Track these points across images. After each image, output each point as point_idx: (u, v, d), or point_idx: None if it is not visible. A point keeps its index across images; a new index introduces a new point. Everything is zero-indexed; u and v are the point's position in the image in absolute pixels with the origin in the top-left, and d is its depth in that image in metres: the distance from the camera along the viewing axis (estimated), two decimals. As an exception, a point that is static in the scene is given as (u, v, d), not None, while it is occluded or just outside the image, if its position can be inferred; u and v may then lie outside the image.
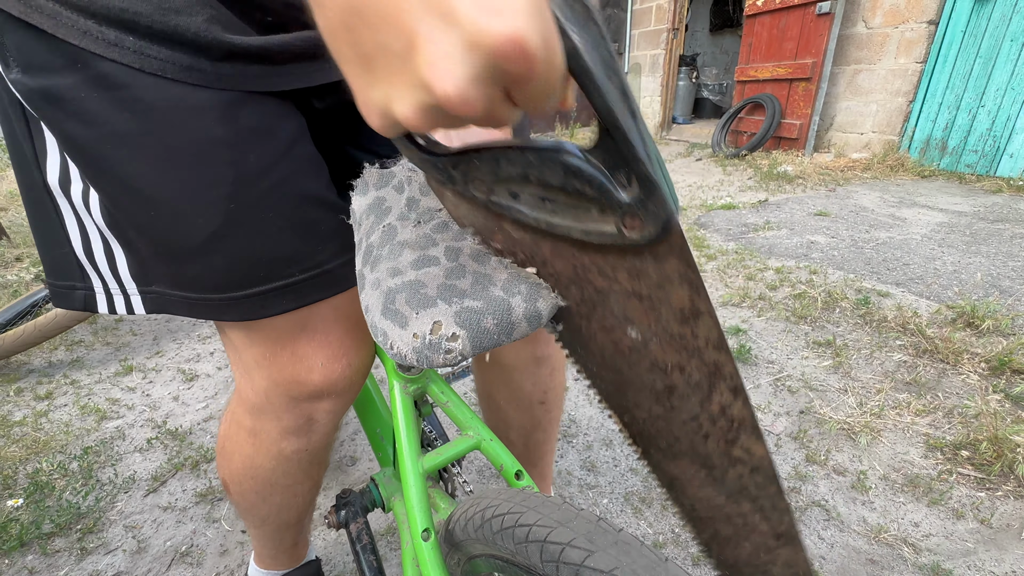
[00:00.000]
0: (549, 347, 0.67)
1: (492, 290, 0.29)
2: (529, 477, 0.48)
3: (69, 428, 1.29)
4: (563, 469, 1.14)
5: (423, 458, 0.47)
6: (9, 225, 2.69)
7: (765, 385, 1.38)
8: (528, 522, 0.34)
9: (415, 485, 0.45)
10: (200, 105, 0.37)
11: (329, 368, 0.48)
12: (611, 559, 0.29)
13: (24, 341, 1.47)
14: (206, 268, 0.41)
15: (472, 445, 0.49)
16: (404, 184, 0.38)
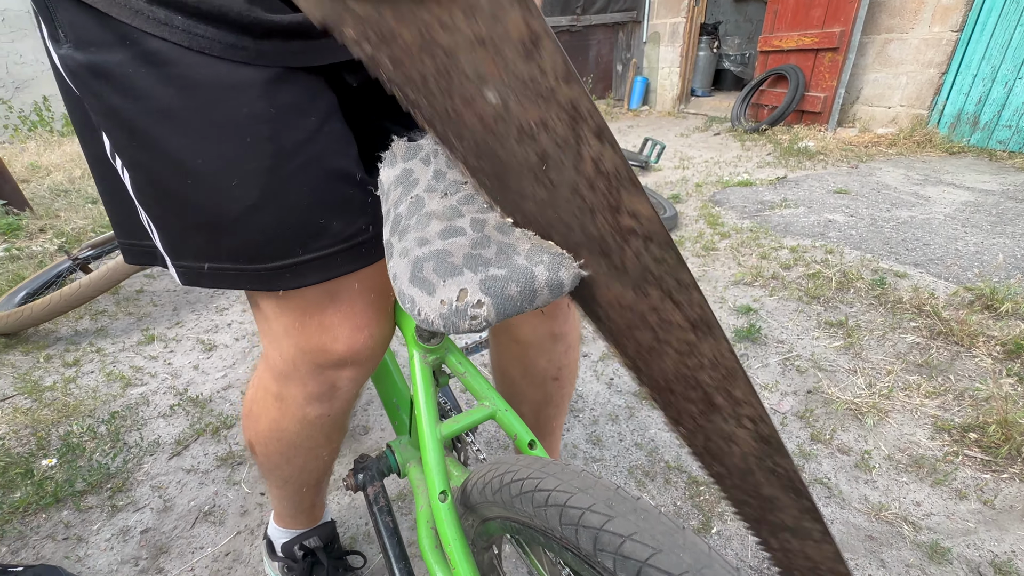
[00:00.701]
0: (566, 325, 0.68)
1: (516, 259, 0.30)
2: (542, 447, 0.50)
3: (96, 394, 1.35)
4: (569, 442, 1.17)
5: (441, 425, 0.48)
6: (31, 197, 2.74)
7: (774, 364, 1.38)
8: (548, 487, 0.35)
9: (433, 449, 0.47)
10: (242, 82, 0.38)
11: (352, 338, 0.50)
12: (630, 524, 0.31)
13: (51, 310, 1.52)
14: (242, 239, 0.42)
15: (488, 414, 0.51)
16: (431, 156, 0.39)
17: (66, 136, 4.44)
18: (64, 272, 1.84)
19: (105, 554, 0.93)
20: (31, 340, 1.59)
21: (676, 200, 2.65)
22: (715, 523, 0.96)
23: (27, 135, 4.39)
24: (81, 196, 2.84)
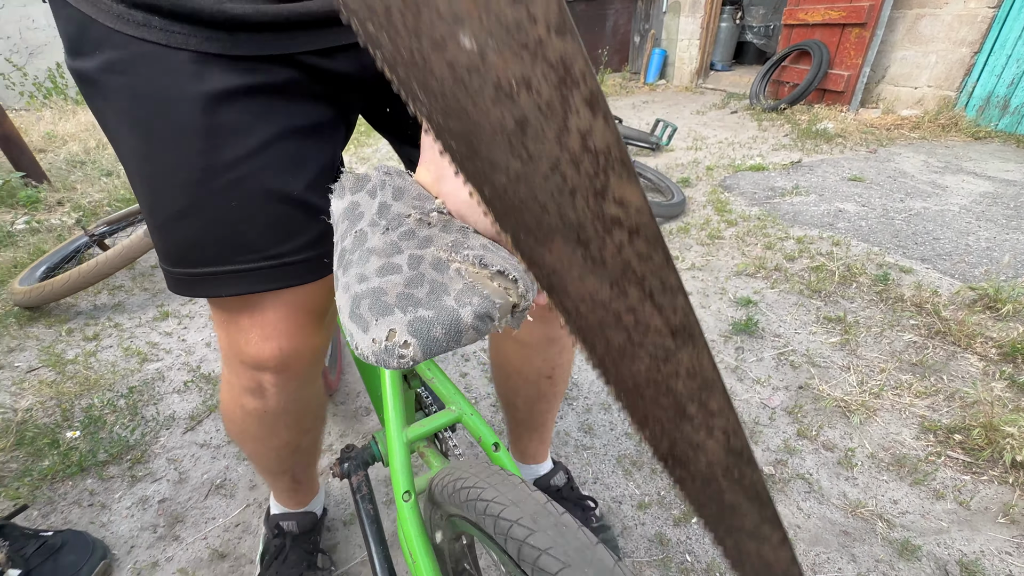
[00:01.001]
0: (562, 329, 0.71)
1: (445, 300, 0.32)
2: (505, 448, 0.53)
3: (115, 368, 1.42)
4: (561, 430, 1.21)
5: (407, 429, 0.52)
6: (48, 168, 2.80)
7: (768, 359, 1.40)
8: (487, 497, 0.39)
9: (399, 453, 0.51)
10: (188, 96, 0.41)
11: (260, 346, 0.53)
12: (549, 539, 0.35)
13: (71, 286, 1.59)
14: (170, 242, 0.46)
15: (453, 419, 0.55)
16: (377, 189, 0.39)
17: (80, 104, 4.46)
18: (82, 247, 1.90)
19: (127, 521, 1.01)
20: (53, 314, 1.66)
21: (685, 184, 2.62)
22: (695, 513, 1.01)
23: (42, 103, 4.42)
24: (96, 168, 2.89)
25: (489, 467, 0.45)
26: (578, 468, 1.11)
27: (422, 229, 0.35)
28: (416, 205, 0.37)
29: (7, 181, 2.39)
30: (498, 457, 0.52)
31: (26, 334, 1.56)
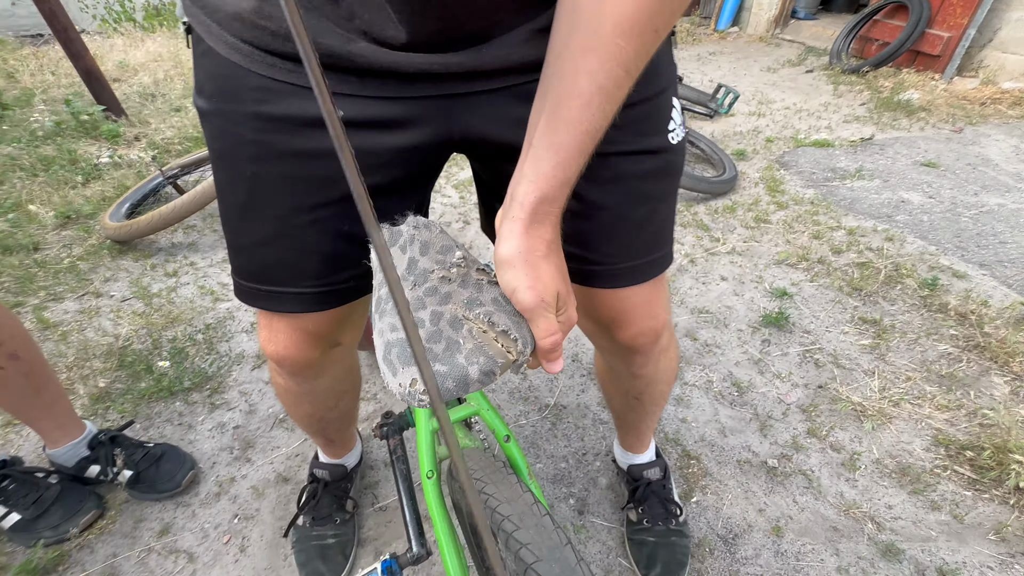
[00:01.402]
0: (645, 368, 0.75)
1: (458, 357, 0.39)
2: (515, 441, 0.64)
3: (193, 305, 1.61)
4: (583, 403, 1.32)
5: (433, 420, 0.63)
6: (123, 100, 2.96)
7: (793, 354, 1.43)
8: (488, 492, 0.50)
9: (425, 438, 0.63)
10: (288, 152, 0.48)
11: (274, 350, 0.64)
12: (529, 536, 0.44)
13: (152, 226, 1.76)
14: (246, 261, 0.57)
15: (471, 412, 0.66)
16: (407, 244, 0.45)
17: (148, 31, 4.59)
18: (158, 187, 2.08)
19: (208, 441, 1.21)
20: (139, 248, 1.86)
21: (740, 157, 2.51)
22: (696, 494, 1.11)
23: (113, 28, 4.57)
24: (167, 103, 3.04)
25: (494, 463, 0.55)
26: (593, 440, 1.22)
27: (443, 285, 0.43)
28: (439, 260, 0.44)
29: (91, 114, 2.57)
30: (508, 448, 0.63)
31: (118, 265, 1.77)
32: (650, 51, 0.39)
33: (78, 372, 1.34)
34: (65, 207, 1.99)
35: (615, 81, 0.38)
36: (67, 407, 1.02)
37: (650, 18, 0.36)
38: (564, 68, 0.39)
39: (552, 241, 0.43)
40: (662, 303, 0.68)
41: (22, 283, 1.64)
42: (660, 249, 0.62)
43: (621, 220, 0.57)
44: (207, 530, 1.04)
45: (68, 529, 0.97)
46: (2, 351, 0.85)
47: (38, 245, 1.83)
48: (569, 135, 0.39)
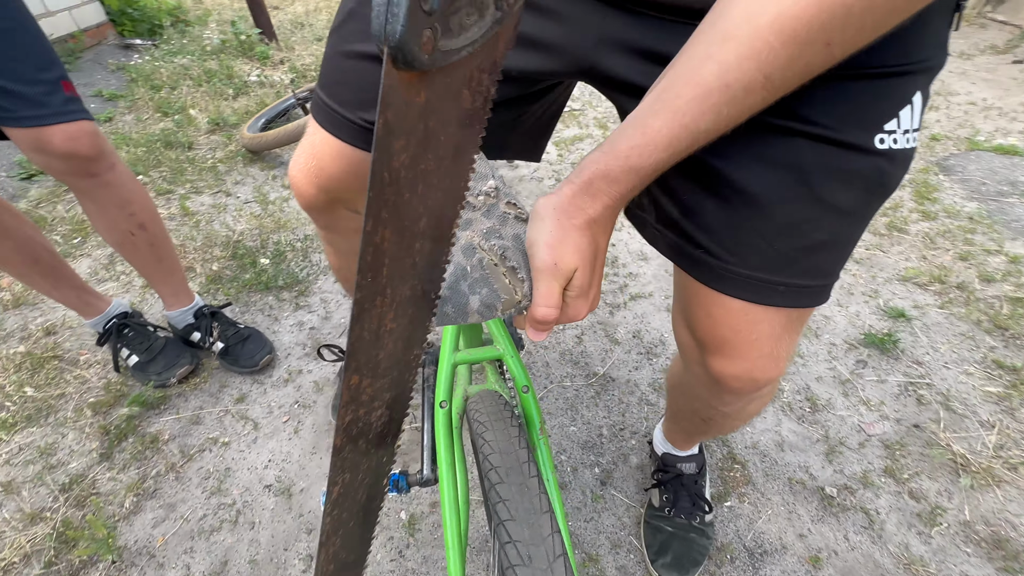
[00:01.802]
0: (731, 407, 0.65)
1: (461, 285, 0.39)
2: (533, 393, 0.63)
3: (299, 216, 1.79)
4: (633, 380, 1.27)
5: (456, 353, 0.65)
6: (277, 25, 3.26)
7: (892, 383, 1.24)
8: (487, 438, 0.50)
9: (444, 369, 0.64)
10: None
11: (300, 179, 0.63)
12: (509, 492, 0.44)
13: (278, 140, 1.96)
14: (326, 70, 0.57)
15: (496, 355, 0.66)
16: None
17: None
18: (289, 107, 2.29)
19: (288, 334, 1.36)
20: (266, 159, 2.09)
21: (891, 153, 2.14)
22: (731, 499, 1.03)
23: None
24: (312, 32, 3.29)
25: (502, 411, 0.55)
26: (634, 419, 1.18)
27: (467, 212, 0.42)
28: (470, 186, 0.43)
29: (249, 36, 2.87)
30: (525, 399, 0.62)
31: (247, 172, 2.01)
32: (810, 67, 0.32)
33: (201, 255, 1.57)
34: (216, 115, 2.28)
35: (746, 84, 0.32)
36: (181, 278, 1.20)
37: (824, 25, 0.29)
38: (696, 48, 0.34)
39: (595, 220, 0.39)
40: (788, 347, 0.53)
41: (175, 175, 1.93)
42: (816, 277, 0.48)
43: (767, 216, 0.45)
44: (272, 408, 1.19)
45: (169, 377, 1.17)
46: (134, 220, 1.02)
47: (192, 144, 2.12)
48: (663, 122, 0.35)
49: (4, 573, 0.89)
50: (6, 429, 1.09)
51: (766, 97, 0.33)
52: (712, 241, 0.49)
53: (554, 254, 0.38)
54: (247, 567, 0.92)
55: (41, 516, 0.96)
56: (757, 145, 0.43)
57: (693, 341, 0.58)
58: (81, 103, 0.86)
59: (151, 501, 1.01)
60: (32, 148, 0.83)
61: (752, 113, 0.35)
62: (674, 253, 0.55)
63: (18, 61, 0.78)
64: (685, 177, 0.49)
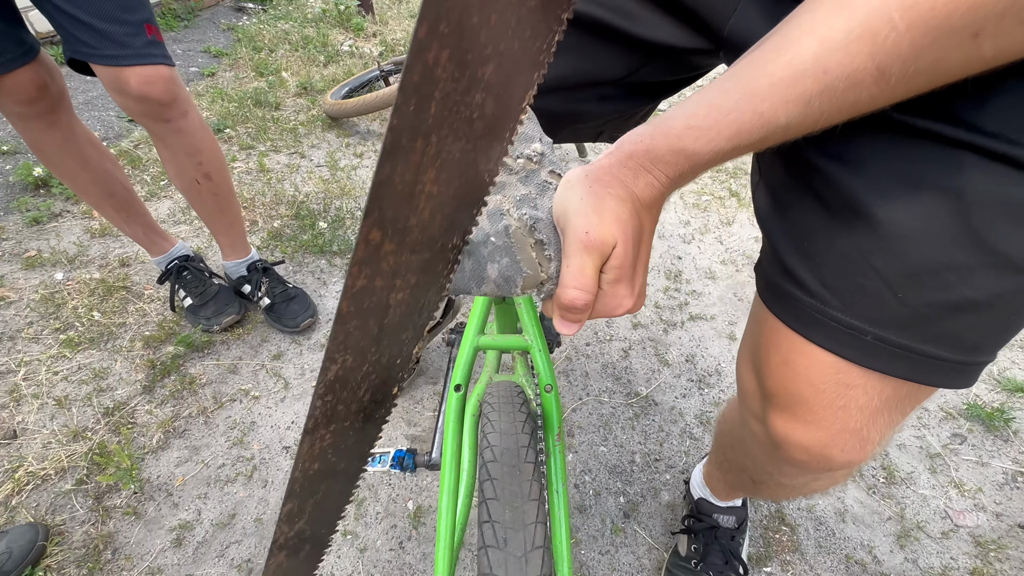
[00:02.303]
0: (793, 480, 0.55)
1: (482, 250, 0.35)
2: (556, 393, 0.57)
3: (364, 185, 1.80)
4: (679, 408, 1.15)
5: (480, 337, 0.60)
6: (378, 0, 3.34)
7: (996, 469, 1.04)
8: (490, 418, 0.47)
9: (466, 352, 0.59)
10: None
11: None
12: (500, 472, 0.42)
13: (359, 109, 1.99)
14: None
15: (523, 346, 0.60)
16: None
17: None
18: (373, 79, 2.32)
19: (333, 299, 1.37)
20: (343, 127, 2.13)
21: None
22: (772, 564, 0.90)
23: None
24: (407, 8, 3.34)
25: (513, 399, 0.50)
26: (673, 452, 1.07)
27: (503, 174, 0.36)
28: (513, 148, 0.37)
29: (348, 7, 2.96)
30: (546, 398, 0.56)
31: (323, 137, 2.06)
32: (945, 64, 0.23)
33: (267, 211, 1.62)
34: (306, 80, 2.36)
35: (851, 73, 0.24)
36: (240, 232, 1.23)
37: (973, 6, 0.21)
38: (798, 17, 0.26)
39: (637, 197, 0.32)
40: (885, 427, 0.42)
41: (259, 132, 2.02)
42: (956, 348, 0.36)
43: (897, 254, 0.34)
44: (305, 370, 1.19)
45: (216, 323, 1.21)
46: (200, 169, 1.05)
47: (279, 105, 2.21)
48: (733, 104, 0.27)
49: (42, 481, 0.94)
50: (71, 347, 1.17)
51: (875, 96, 0.25)
52: (812, 274, 0.38)
53: (587, 222, 0.31)
54: (252, 525, 0.92)
55: (82, 435, 1.02)
56: (897, 155, 0.32)
57: (758, 389, 0.48)
58: (163, 47, 0.88)
59: (178, 440, 1.04)
60: (111, 86, 0.86)
61: (852, 115, 0.26)
62: (760, 278, 0.45)
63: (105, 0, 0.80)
64: (791, 179, 0.39)
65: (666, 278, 1.50)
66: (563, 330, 0.34)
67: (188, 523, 0.91)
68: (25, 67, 0.86)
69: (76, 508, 0.92)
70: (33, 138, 0.97)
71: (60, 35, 0.83)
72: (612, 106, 0.54)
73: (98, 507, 0.92)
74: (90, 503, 0.92)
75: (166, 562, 0.86)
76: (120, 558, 0.86)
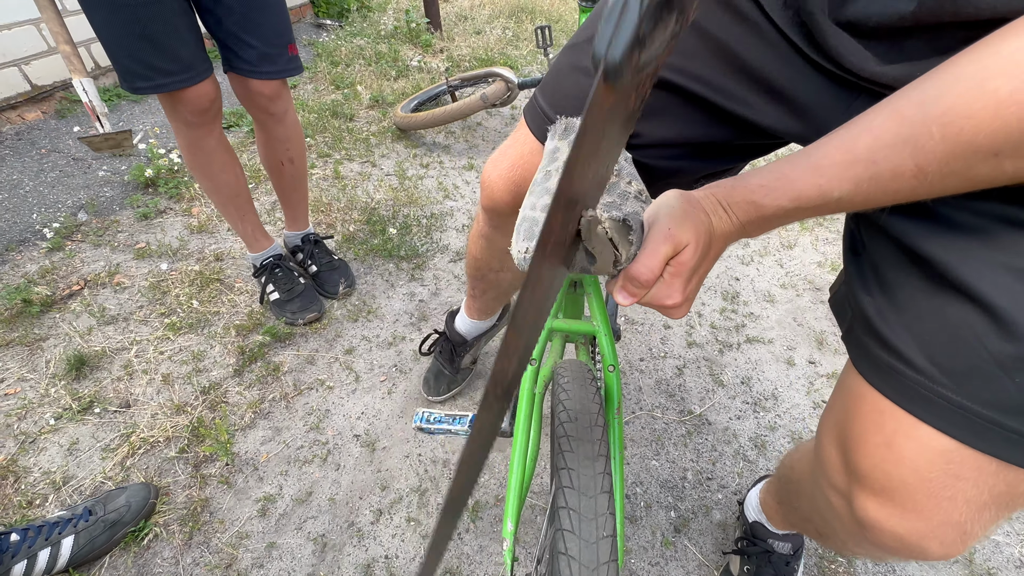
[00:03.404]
0: (871, 553, 0.53)
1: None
2: (619, 372, 0.65)
3: (429, 194, 1.91)
4: (733, 429, 1.16)
5: (554, 320, 0.68)
6: (444, 17, 3.50)
7: (1079, 521, 0.98)
8: (562, 399, 0.54)
9: (542, 332, 0.66)
10: None
11: (499, 186, 0.66)
12: (574, 462, 0.47)
13: (427, 122, 2.10)
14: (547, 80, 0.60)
15: (591, 331, 0.68)
16: (556, 134, 0.46)
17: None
18: (440, 93, 2.44)
19: (399, 302, 1.46)
20: (411, 138, 2.26)
21: None
22: (827, 594, 0.89)
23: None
24: (472, 25, 3.48)
25: (587, 384, 0.57)
26: (727, 473, 1.08)
27: None
28: None
29: (418, 24, 3.12)
30: (609, 376, 0.64)
31: (393, 148, 2.19)
32: (973, 173, 0.29)
33: (342, 215, 1.75)
34: (378, 93, 2.51)
35: (895, 167, 0.31)
36: (304, 209, 1.43)
37: (995, 133, 0.27)
38: (862, 117, 0.33)
39: (712, 224, 0.39)
40: (989, 523, 0.40)
41: (335, 141, 2.17)
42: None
43: (1014, 338, 0.35)
44: (374, 366, 1.28)
45: (300, 318, 1.33)
46: (287, 154, 1.25)
47: (353, 116, 2.37)
48: (800, 173, 0.35)
49: (151, 447, 1.07)
50: (174, 331, 1.32)
51: (916, 188, 0.31)
52: (920, 351, 0.38)
53: (672, 221, 0.38)
54: (327, 503, 1.01)
55: (184, 409, 1.14)
56: (1005, 245, 0.35)
57: (844, 465, 0.46)
58: (297, 59, 1.09)
59: (264, 420, 1.14)
60: (245, 88, 1.08)
61: (897, 201, 0.33)
62: (853, 347, 0.45)
63: (268, 29, 1.01)
64: (896, 256, 0.41)
65: (723, 299, 1.50)
66: (620, 299, 0.40)
67: (271, 496, 1.01)
68: (206, 81, 0.99)
69: (179, 473, 1.04)
70: (194, 144, 1.10)
71: (222, 53, 1.04)
72: (707, 164, 0.58)
73: (196, 474, 1.03)
74: (190, 470, 1.04)
75: (252, 529, 0.96)
76: (215, 521, 0.97)
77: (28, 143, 1.96)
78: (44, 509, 0.96)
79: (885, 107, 0.32)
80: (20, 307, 1.32)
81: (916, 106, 0.30)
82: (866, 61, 0.38)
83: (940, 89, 0.29)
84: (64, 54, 0.88)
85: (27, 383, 1.18)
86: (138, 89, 0.92)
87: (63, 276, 1.44)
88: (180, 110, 1.01)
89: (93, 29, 0.87)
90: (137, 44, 0.87)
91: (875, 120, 0.32)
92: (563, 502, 0.46)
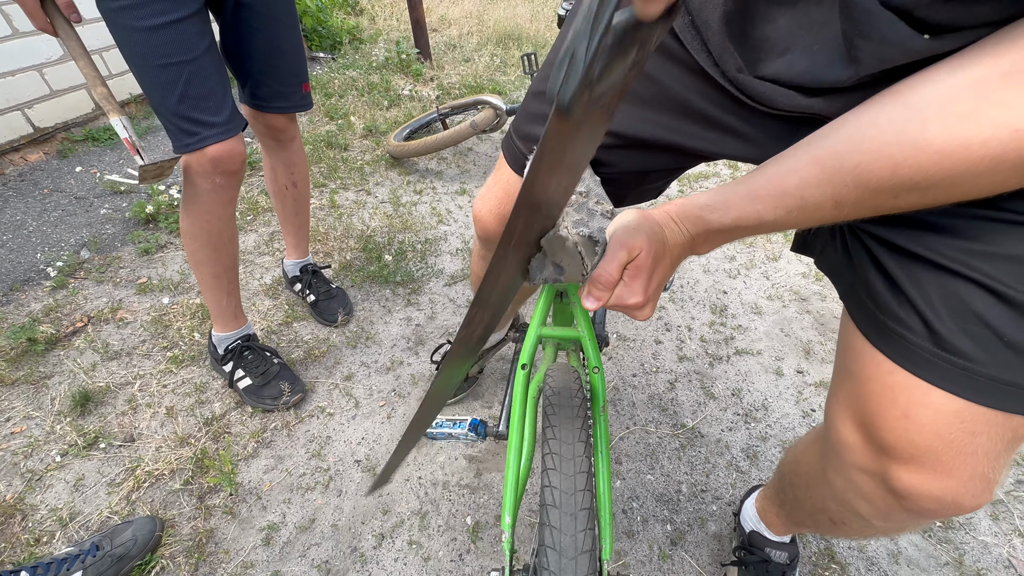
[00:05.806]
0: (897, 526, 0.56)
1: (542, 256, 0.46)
2: (603, 374, 0.69)
3: (423, 220, 1.96)
4: (725, 441, 1.19)
5: (543, 328, 0.72)
6: (434, 46, 3.61)
7: (1064, 519, 1.00)
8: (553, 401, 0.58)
9: (530, 338, 0.71)
10: None
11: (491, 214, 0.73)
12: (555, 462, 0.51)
13: (419, 150, 2.17)
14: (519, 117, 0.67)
15: (575, 336, 0.72)
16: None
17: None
18: (431, 121, 2.51)
19: (396, 327, 1.49)
20: (404, 166, 2.32)
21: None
22: (821, 601, 0.91)
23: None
24: (460, 54, 3.59)
25: (572, 385, 0.62)
26: (720, 484, 1.10)
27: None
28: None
29: (408, 54, 3.22)
30: (594, 378, 0.68)
31: (387, 175, 2.25)
32: (878, 208, 0.37)
33: (339, 244, 1.79)
34: (371, 122, 2.59)
35: (818, 202, 0.38)
36: (305, 236, 1.49)
37: (895, 186, 0.34)
38: (790, 158, 0.40)
39: (666, 236, 0.45)
40: (1003, 468, 0.45)
41: (330, 171, 2.23)
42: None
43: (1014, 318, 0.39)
44: (373, 391, 1.31)
45: (279, 405, 1.20)
46: (291, 178, 1.33)
47: (347, 146, 2.43)
48: (739, 198, 0.42)
49: (156, 480, 1.09)
50: (176, 364, 1.35)
51: (835, 215, 0.38)
52: (918, 319, 0.42)
53: (627, 233, 0.44)
54: (329, 529, 1.02)
55: (187, 441, 1.17)
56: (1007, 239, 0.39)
57: (866, 443, 0.49)
58: (309, 96, 1.18)
59: (266, 450, 1.17)
60: (257, 121, 1.18)
61: (819, 224, 0.40)
62: (860, 316, 0.49)
63: (285, 71, 1.09)
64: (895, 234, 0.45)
65: (712, 312, 1.54)
66: (588, 304, 0.46)
67: (275, 524, 1.03)
68: (238, 136, 0.94)
69: (183, 505, 1.05)
70: (211, 212, 1.01)
71: (240, 87, 1.12)
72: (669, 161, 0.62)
73: (201, 505, 1.05)
74: (194, 501, 1.06)
75: (257, 558, 0.98)
76: (220, 551, 0.98)
77: (31, 184, 2.01)
78: (52, 546, 0.98)
79: (807, 153, 0.39)
80: (25, 346, 1.35)
81: (832, 157, 0.37)
82: (794, 98, 0.43)
83: (852, 144, 0.36)
84: (101, 96, 0.87)
85: (33, 421, 1.20)
86: (187, 146, 0.90)
87: (67, 313, 1.48)
88: (210, 173, 0.94)
89: (143, 91, 0.87)
90: (187, 101, 0.86)
91: (800, 163, 0.39)
92: (547, 481, 0.52)
